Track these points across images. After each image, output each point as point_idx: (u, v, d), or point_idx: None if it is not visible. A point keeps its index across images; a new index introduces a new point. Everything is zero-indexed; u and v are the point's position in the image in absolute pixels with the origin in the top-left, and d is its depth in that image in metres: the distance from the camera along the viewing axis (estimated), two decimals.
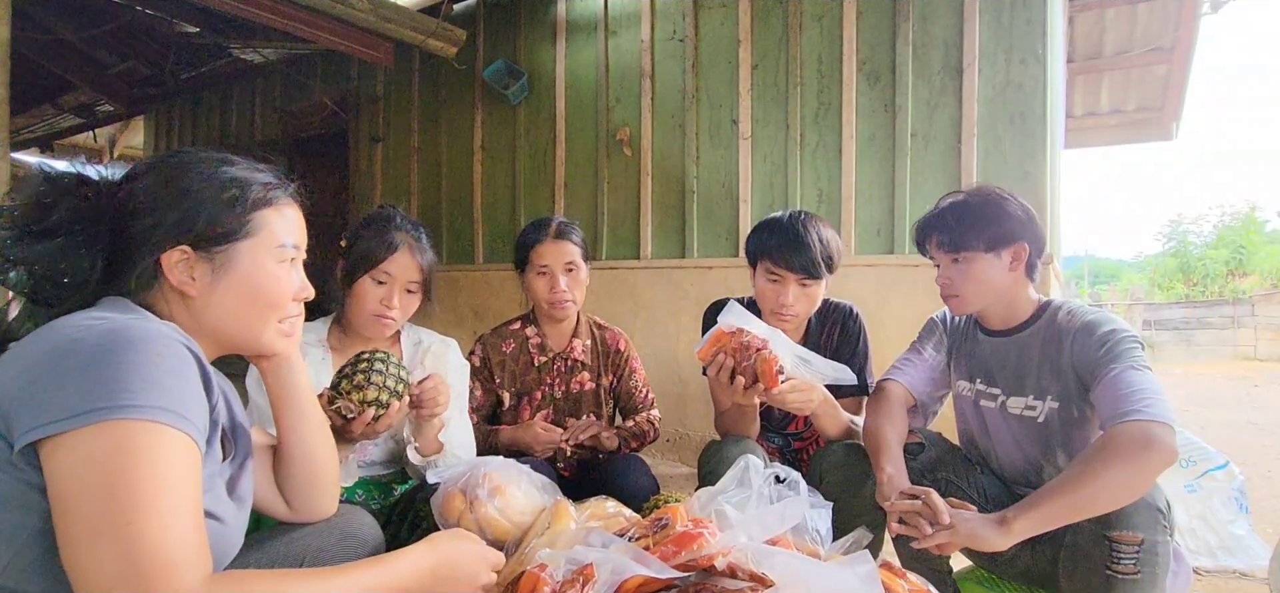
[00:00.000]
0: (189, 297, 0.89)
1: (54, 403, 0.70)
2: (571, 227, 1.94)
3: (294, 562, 1.07)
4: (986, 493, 1.52)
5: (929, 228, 1.55)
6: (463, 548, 0.98)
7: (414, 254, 1.56)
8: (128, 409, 0.71)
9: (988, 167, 2.80)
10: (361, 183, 5.04)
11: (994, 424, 1.55)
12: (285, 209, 0.97)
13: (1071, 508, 1.20)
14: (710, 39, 3.48)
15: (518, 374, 1.98)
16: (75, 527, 0.69)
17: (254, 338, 0.95)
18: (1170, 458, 1.17)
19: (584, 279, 1.94)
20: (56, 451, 0.70)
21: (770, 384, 1.43)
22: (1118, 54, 4.82)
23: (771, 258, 1.70)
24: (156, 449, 0.71)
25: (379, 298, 1.54)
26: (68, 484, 0.69)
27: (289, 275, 0.97)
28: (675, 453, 3.54)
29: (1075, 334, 1.39)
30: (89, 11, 4.03)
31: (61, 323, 0.78)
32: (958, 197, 1.53)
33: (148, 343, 0.75)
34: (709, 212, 3.48)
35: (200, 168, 0.91)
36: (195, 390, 0.79)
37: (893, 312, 2.90)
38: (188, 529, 0.72)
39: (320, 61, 5.12)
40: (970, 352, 1.61)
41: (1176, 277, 18.88)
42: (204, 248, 0.89)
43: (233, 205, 0.90)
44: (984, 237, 1.44)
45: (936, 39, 2.91)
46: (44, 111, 6.50)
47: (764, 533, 1.00)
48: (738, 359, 1.47)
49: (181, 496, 0.73)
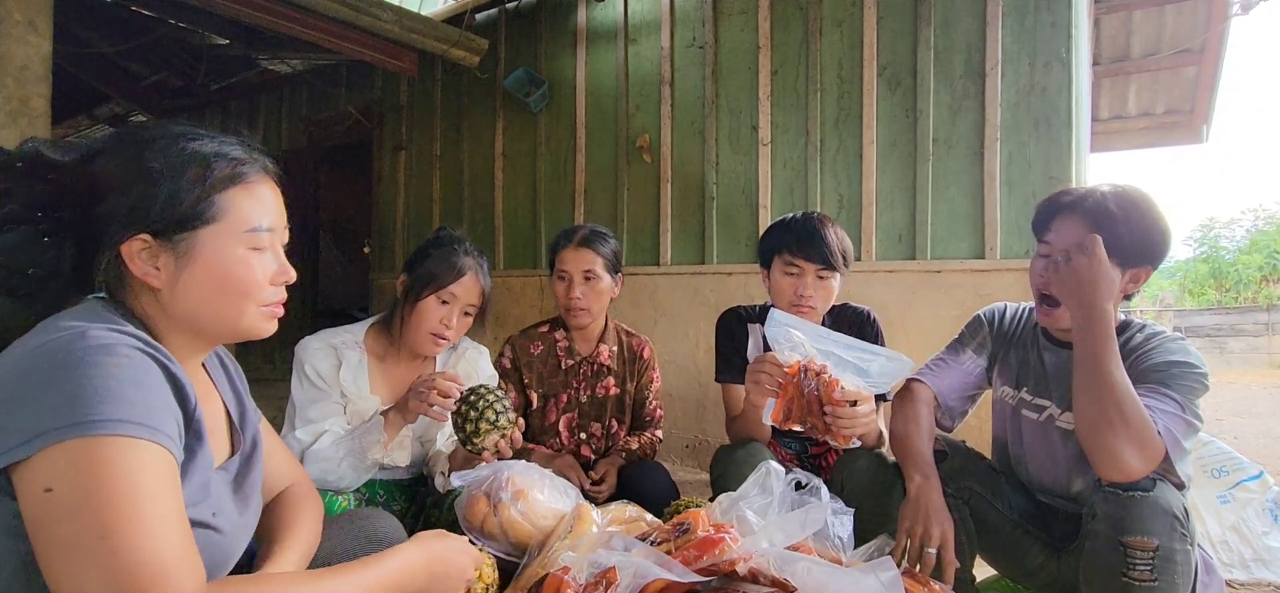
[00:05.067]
0: (155, 289, 0.83)
1: (15, 426, 0.67)
2: (600, 237, 1.96)
3: (320, 564, 1.08)
4: (1012, 504, 1.50)
5: (1065, 208, 1.40)
6: (450, 545, 1.00)
7: (478, 279, 1.63)
8: (88, 425, 0.67)
9: (1012, 172, 2.77)
10: (385, 190, 5.12)
11: (1030, 434, 1.52)
12: (257, 187, 0.88)
13: (1102, 373, 1.22)
14: (730, 45, 3.49)
15: (545, 376, 2.01)
16: (54, 551, 0.66)
17: (232, 326, 0.88)
18: (1140, 472, 1.18)
19: (606, 289, 1.95)
20: (24, 475, 0.67)
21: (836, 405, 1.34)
22: (1145, 56, 4.73)
23: (789, 250, 1.72)
24: (126, 462, 0.68)
25: (439, 318, 1.58)
26: (40, 508, 0.67)
27: (262, 261, 0.88)
28: (694, 459, 3.54)
29: (1144, 353, 1.34)
30: (125, 26, 4.15)
31: (22, 340, 0.74)
32: (1106, 189, 1.37)
33: (103, 353, 0.71)
34: (728, 218, 3.48)
35: (159, 144, 0.82)
36: (161, 397, 0.75)
37: (915, 319, 2.87)
38: (171, 538, 0.70)
39: (345, 71, 5.21)
40: (1022, 358, 1.56)
41: (1208, 282, 18.44)
42: (165, 235, 0.81)
43: (193, 187, 0.82)
44: (1123, 248, 1.32)
45: (958, 43, 2.89)
46: (80, 122, 6.69)
47: (785, 539, 1.00)
48: (801, 394, 1.38)
49: (159, 505, 0.69)
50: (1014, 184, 2.77)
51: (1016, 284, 2.69)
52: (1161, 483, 1.20)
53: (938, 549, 1.33)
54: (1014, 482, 1.55)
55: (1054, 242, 1.41)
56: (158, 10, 3.78)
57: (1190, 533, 1.18)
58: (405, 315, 1.60)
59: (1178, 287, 18.94)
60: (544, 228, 4.17)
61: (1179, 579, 1.16)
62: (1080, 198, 1.40)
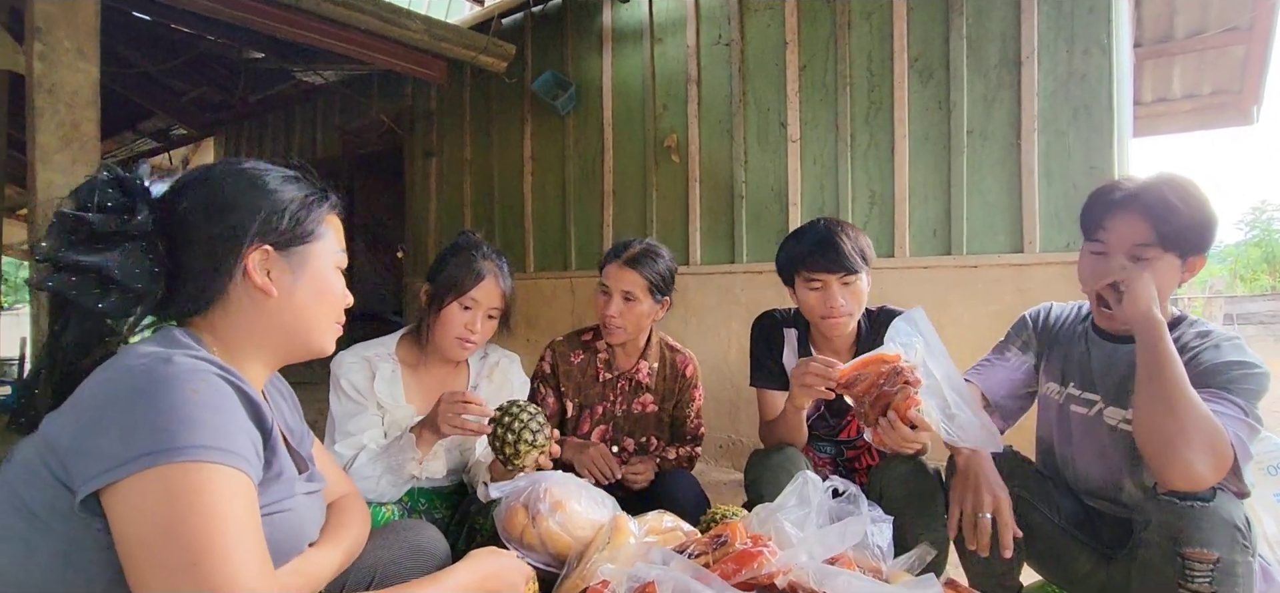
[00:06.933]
0: (267, 297, 0.90)
1: (103, 452, 0.71)
2: (650, 257, 1.88)
3: (366, 574, 1.13)
4: (1062, 509, 1.46)
5: (1118, 204, 1.35)
6: (503, 562, 1.08)
7: (498, 282, 1.64)
8: (171, 452, 0.71)
9: (1051, 163, 2.70)
10: (416, 196, 5.20)
11: (1079, 432, 1.48)
12: (336, 218, 1.00)
13: (1172, 384, 1.18)
14: (757, 42, 3.46)
15: (583, 386, 2.00)
16: (145, 573, 0.71)
17: (319, 338, 0.97)
18: (1210, 482, 1.15)
19: (646, 311, 1.88)
20: (113, 500, 0.71)
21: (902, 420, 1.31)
22: (1190, 36, 4.55)
23: (808, 266, 1.67)
24: (208, 489, 0.72)
25: (464, 323, 1.61)
26: (130, 531, 0.71)
27: (341, 281, 1.00)
28: (727, 459, 3.53)
29: (1200, 353, 1.30)
30: (167, 45, 4.29)
31: (105, 366, 0.79)
32: (1158, 180, 1.33)
33: (183, 381, 0.75)
34: (758, 216, 3.46)
35: (273, 173, 0.94)
36: (238, 420, 0.79)
37: (952, 317, 2.82)
38: (252, 560, 0.74)
39: (377, 81, 5.31)
40: (1067, 353, 1.53)
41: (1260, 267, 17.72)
42: (283, 247, 0.91)
43: (309, 207, 0.93)
44: (1188, 238, 1.29)
45: (992, 32, 2.82)
46: (124, 137, 6.94)
47: (825, 552, 1.00)
48: (877, 384, 1.34)
49: (243, 530, 0.74)
50: (1053, 175, 2.69)
51: (1058, 278, 2.62)
52: (1222, 493, 1.16)
53: (992, 517, 1.32)
54: (1061, 486, 1.52)
55: (1110, 240, 1.37)
56: (198, 28, 3.89)
57: (1252, 544, 1.14)
58: (431, 324, 1.63)
59: (1229, 272, 18.22)
60: (573, 230, 4.20)
61: (1239, 591, 1.13)
62: (1135, 192, 1.35)
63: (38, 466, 0.75)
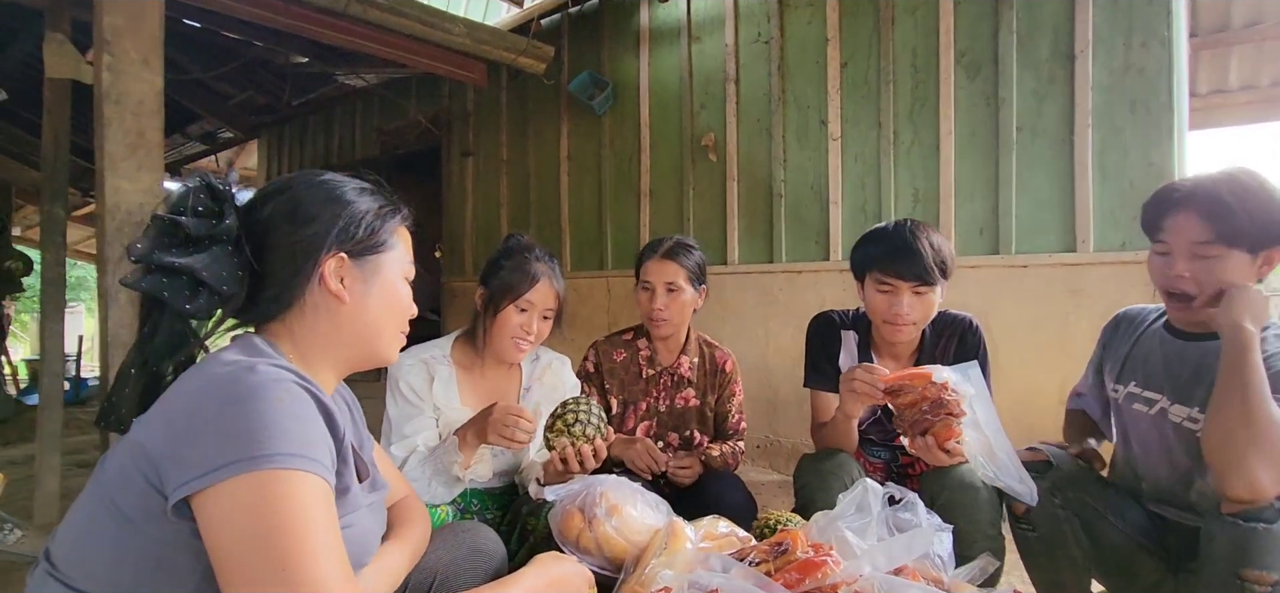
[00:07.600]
0: (340, 304, 0.92)
1: (194, 458, 0.74)
2: (685, 249, 1.97)
3: (427, 576, 1.14)
4: (1125, 516, 1.43)
5: (1175, 205, 1.34)
6: (566, 568, 1.09)
7: (552, 283, 1.67)
8: (260, 460, 0.74)
9: (1106, 160, 2.61)
10: (454, 196, 5.27)
11: (1142, 431, 1.46)
12: (405, 232, 1.03)
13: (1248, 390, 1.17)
14: (796, 39, 3.42)
15: (626, 383, 2.05)
16: (236, 576, 0.73)
17: (386, 347, 1.00)
18: (1272, 495, 1.13)
19: (689, 300, 1.96)
20: (204, 504, 0.74)
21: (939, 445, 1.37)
22: (1247, 26, 4.38)
23: (881, 268, 1.64)
24: (295, 496, 0.75)
25: (520, 325, 1.64)
26: (221, 535, 0.74)
27: (408, 291, 1.02)
28: (766, 459, 3.51)
29: (1273, 358, 1.26)
30: (218, 51, 4.41)
31: (190, 373, 0.82)
32: (1216, 178, 1.31)
33: (268, 389, 0.78)
34: (797, 215, 3.42)
35: (350, 185, 0.97)
36: (317, 428, 0.81)
37: (1000, 318, 2.75)
38: (336, 564, 0.77)
39: (415, 82, 5.39)
40: (1129, 351, 1.51)
41: None
42: (358, 256, 0.93)
43: (383, 218, 0.96)
44: (1252, 233, 1.27)
45: (1044, 25, 2.74)
46: (174, 140, 7.17)
47: (889, 563, 0.98)
48: (920, 404, 1.39)
49: (327, 535, 0.77)
50: (1109, 172, 2.61)
51: (1114, 278, 2.53)
52: None
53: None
54: (1126, 495, 1.48)
55: (1171, 241, 1.35)
56: (247, 35, 4.00)
57: None
58: (487, 327, 1.66)
59: None
60: (610, 230, 4.21)
61: None
62: (1190, 192, 1.33)
63: (132, 470, 0.78)
